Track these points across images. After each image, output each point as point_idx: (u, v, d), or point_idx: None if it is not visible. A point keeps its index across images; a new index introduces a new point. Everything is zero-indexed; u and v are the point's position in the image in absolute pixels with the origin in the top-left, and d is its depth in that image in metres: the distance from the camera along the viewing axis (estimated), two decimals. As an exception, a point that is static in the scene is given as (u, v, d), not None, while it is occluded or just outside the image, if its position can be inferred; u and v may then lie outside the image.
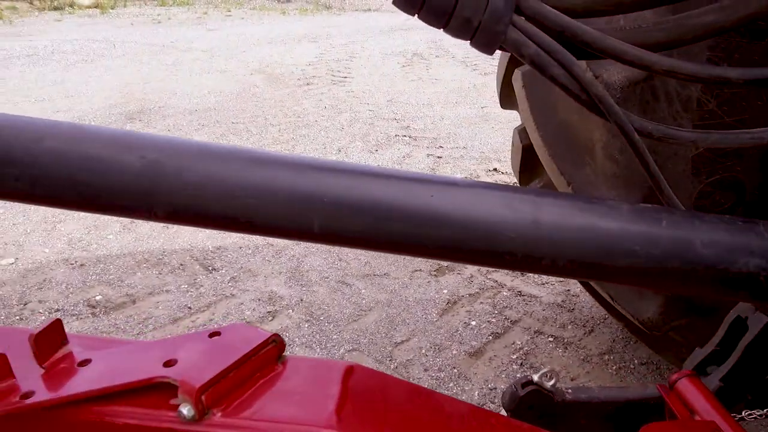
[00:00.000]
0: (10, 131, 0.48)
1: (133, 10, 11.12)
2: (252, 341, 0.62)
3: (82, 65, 6.50)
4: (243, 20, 10.39)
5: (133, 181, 0.47)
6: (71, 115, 4.70)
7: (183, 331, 2.19)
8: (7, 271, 2.57)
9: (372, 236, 0.51)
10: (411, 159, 3.91)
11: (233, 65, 6.72)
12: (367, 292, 2.45)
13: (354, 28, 9.69)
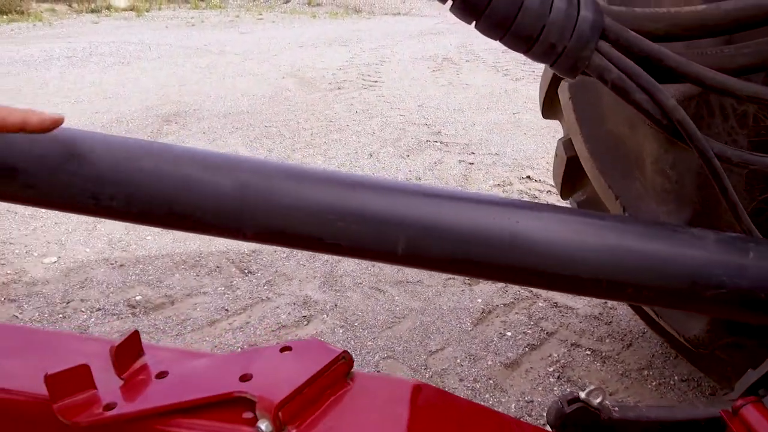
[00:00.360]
0: (107, 151, 0.50)
1: (167, 13, 11.35)
2: (323, 357, 0.63)
3: (119, 67, 6.65)
4: (274, 23, 10.52)
5: (225, 202, 0.49)
6: (110, 116, 4.81)
7: (220, 332, 2.22)
8: (50, 269, 2.64)
9: (455, 260, 0.51)
10: (443, 165, 3.90)
11: (265, 68, 6.80)
12: (400, 299, 2.45)
13: (384, 32, 9.72)
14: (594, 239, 0.51)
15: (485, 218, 0.51)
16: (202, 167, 0.49)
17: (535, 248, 0.50)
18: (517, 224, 0.50)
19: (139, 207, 0.49)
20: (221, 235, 0.51)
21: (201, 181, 0.49)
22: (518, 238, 0.50)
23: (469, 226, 0.50)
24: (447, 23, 10.93)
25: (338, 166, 3.89)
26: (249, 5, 12.64)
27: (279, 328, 2.26)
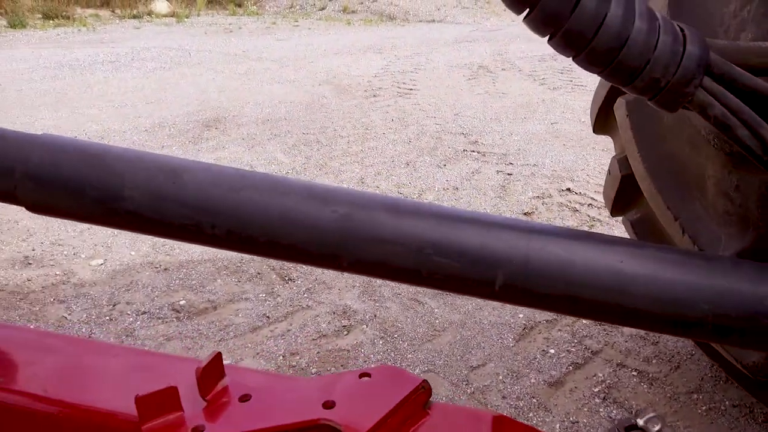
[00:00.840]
0: (210, 180, 0.50)
1: (206, 19, 11.59)
2: (404, 386, 0.63)
3: (160, 72, 6.81)
4: (310, 30, 10.64)
5: (326, 234, 0.49)
6: (152, 121, 4.93)
7: (262, 339, 2.24)
8: (97, 271, 2.71)
9: (555, 297, 0.50)
10: (480, 175, 3.87)
11: (302, 75, 6.88)
12: (440, 311, 2.43)
13: (418, 40, 9.73)
14: (703, 281, 0.49)
15: (589, 256, 0.50)
16: (303, 198, 0.50)
17: (637, 289, 0.49)
18: (621, 264, 0.49)
19: (241, 236, 0.50)
20: (317, 264, 0.51)
21: (302, 212, 0.49)
22: (622, 277, 0.49)
23: (575, 264, 0.49)
24: (482, 31, 10.89)
25: (375, 175, 3.90)
26: (285, 12, 12.82)
27: (319, 337, 2.27)
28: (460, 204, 3.44)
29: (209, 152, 4.28)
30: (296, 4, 13.23)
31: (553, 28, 0.57)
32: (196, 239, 0.52)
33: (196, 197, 0.49)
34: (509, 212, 3.35)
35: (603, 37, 0.51)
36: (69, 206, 0.52)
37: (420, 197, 3.55)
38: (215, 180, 0.50)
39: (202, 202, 0.49)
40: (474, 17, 12.66)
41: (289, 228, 0.49)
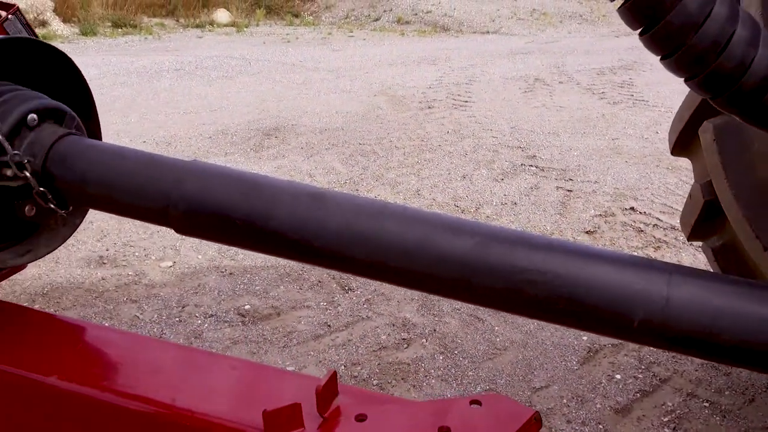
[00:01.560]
0: (351, 209, 0.53)
1: (264, 29, 11.93)
2: (516, 417, 0.63)
3: (222, 81, 7.05)
4: (365, 41, 10.78)
5: (460, 264, 0.51)
6: (215, 128, 5.10)
7: (324, 348, 2.28)
8: (167, 273, 2.82)
9: (692, 340, 0.50)
10: (539, 191, 3.82)
11: (357, 86, 6.97)
12: (500, 329, 2.41)
13: (473, 51, 9.71)
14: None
15: (730, 299, 0.49)
16: (440, 229, 0.52)
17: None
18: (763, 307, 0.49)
19: (378, 264, 0.52)
20: (446, 294, 0.53)
21: (439, 243, 0.51)
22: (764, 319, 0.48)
23: (713, 306, 0.48)
24: (537, 43, 10.76)
25: (431, 187, 3.91)
26: (340, 22, 13.04)
27: (379, 349, 2.29)
28: (519, 220, 3.40)
29: (270, 160, 4.40)
30: (351, 14, 13.44)
31: (676, 43, 0.56)
32: (334, 265, 0.54)
33: (339, 225, 0.51)
34: (570, 230, 3.30)
35: (726, 57, 0.50)
36: (217, 230, 0.56)
37: (477, 211, 3.53)
38: (358, 209, 0.52)
39: (344, 230, 0.51)
40: (529, 29, 12.52)
41: (427, 258, 0.51)
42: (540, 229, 3.29)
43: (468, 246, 0.50)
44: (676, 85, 0.65)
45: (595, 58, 8.99)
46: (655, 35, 0.56)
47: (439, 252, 0.50)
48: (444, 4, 13.47)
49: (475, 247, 0.50)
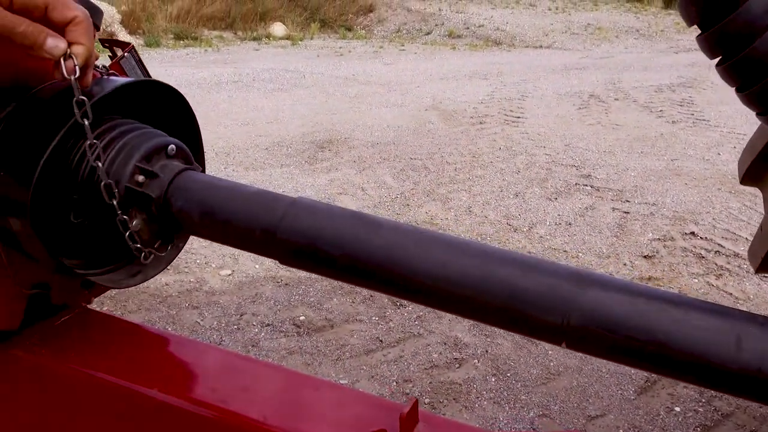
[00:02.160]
0: (423, 247, 0.56)
1: (318, 42, 12.19)
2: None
3: (278, 93, 7.25)
4: (416, 55, 10.86)
5: (519, 298, 0.53)
6: (271, 140, 5.25)
7: (376, 363, 2.31)
8: (226, 281, 2.92)
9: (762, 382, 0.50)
10: (595, 212, 3.75)
11: (408, 100, 7.04)
12: (555, 354, 2.38)
13: (525, 66, 9.63)
14: None
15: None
16: (520, 269, 0.54)
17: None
18: None
19: (448, 302, 0.55)
20: (538, 334, 0.55)
21: (526, 287, 0.53)
22: None
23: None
24: (592, 58, 10.58)
25: (483, 204, 3.90)
26: (392, 36, 13.19)
27: (431, 367, 2.30)
28: (574, 241, 3.35)
29: (324, 173, 4.49)
30: (403, 28, 13.57)
31: None
32: (406, 296, 0.57)
33: (415, 261, 0.54)
34: (627, 254, 3.22)
35: None
36: (317, 263, 0.60)
37: (530, 231, 3.50)
38: (436, 247, 0.55)
39: (423, 266, 0.54)
40: (584, 44, 12.32)
41: (520, 302, 0.53)
42: (596, 252, 3.23)
43: (532, 284, 0.53)
44: (739, 105, 0.65)
45: (653, 74, 8.76)
46: (736, 66, 0.56)
47: (522, 295, 0.52)
48: (496, 19, 13.44)
49: (539, 285, 0.52)
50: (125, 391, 0.77)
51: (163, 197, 0.63)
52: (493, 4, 14.79)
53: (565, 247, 3.29)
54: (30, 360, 0.84)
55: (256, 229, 0.61)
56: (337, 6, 13.68)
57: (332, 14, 13.64)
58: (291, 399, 0.72)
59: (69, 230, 0.66)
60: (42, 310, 0.84)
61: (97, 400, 0.81)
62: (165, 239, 0.71)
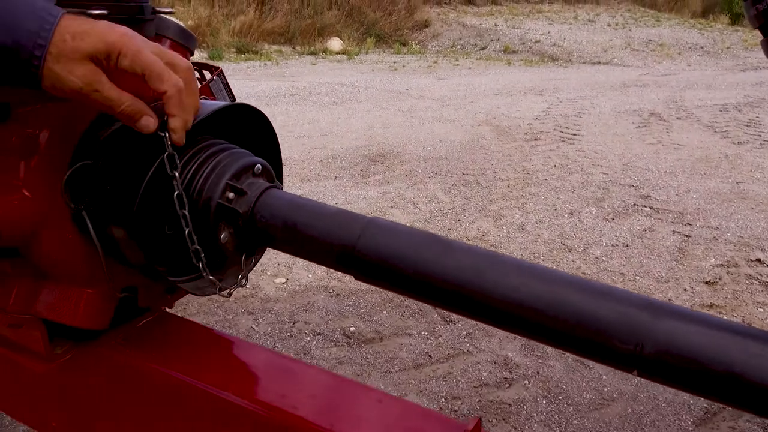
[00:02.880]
0: (526, 277, 0.57)
1: (373, 56, 12.39)
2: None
3: (333, 107, 7.41)
4: (470, 70, 10.86)
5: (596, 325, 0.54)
6: (326, 152, 5.37)
7: (425, 378, 2.32)
8: (280, 289, 3.01)
9: None
10: (654, 234, 3.64)
11: (461, 115, 7.04)
12: (608, 379, 2.32)
13: (582, 82, 9.47)
14: None
15: None
16: (593, 295, 0.55)
17: None
18: None
19: (520, 325, 0.57)
20: (608, 361, 0.56)
21: (599, 313, 0.54)
22: None
23: None
24: (653, 75, 10.28)
25: (536, 222, 3.85)
26: (446, 51, 13.25)
27: (480, 385, 2.28)
28: (631, 264, 3.26)
29: (376, 186, 4.55)
30: (457, 43, 13.60)
31: None
32: (504, 325, 0.59)
33: (518, 289, 0.56)
34: (688, 279, 3.10)
35: None
36: (391, 280, 0.63)
37: (585, 251, 3.43)
38: (539, 279, 0.57)
39: (521, 294, 0.56)
40: (644, 60, 11.99)
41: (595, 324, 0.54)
42: (654, 276, 3.13)
43: (609, 312, 0.53)
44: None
45: (718, 93, 8.43)
46: None
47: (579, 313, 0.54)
48: (553, 34, 13.27)
49: (618, 314, 0.53)
50: (199, 391, 0.82)
51: (249, 213, 0.68)
52: (550, 20, 14.62)
53: (621, 270, 3.21)
54: (114, 358, 0.91)
55: (335, 246, 0.65)
56: (393, 21, 13.87)
57: (388, 29, 13.84)
58: (355, 410, 0.75)
59: (162, 240, 0.72)
60: (126, 312, 0.91)
61: (172, 398, 0.87)
62: (248, 252, 0.76)
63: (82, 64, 0.56)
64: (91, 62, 0.57)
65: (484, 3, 15.77)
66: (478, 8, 15.51)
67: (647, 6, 16.80)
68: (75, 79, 0.56)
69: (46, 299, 0.77)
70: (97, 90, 0.58)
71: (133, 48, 0.58)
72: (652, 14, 16.12)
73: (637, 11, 16.38)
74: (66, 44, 0.55)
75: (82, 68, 0.56)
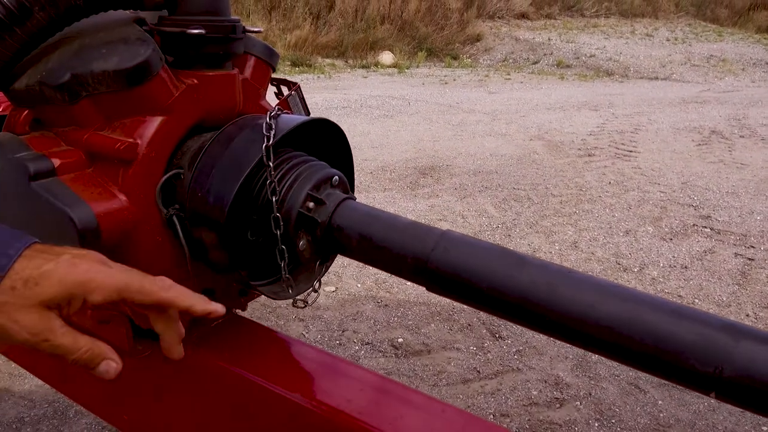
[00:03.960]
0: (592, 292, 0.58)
1: (424, 70, 12.46)
2: None
3: (383, 120, 7.49)
4: (522, 84, 10.76)
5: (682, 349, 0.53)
6: (376, 164, 5.43)
7: (473, 393, 2.31)
8: (330, 297, 3.06)
9: None
10: (714, 256, 3.50)
11: (513, 129, 6.98)
12: (664, 404, 2.24)
13: (639, 98, 9.21)
14: None
15: None
16: (670, 315, 0.55)
17: None
18: None
19: (593, 343, 0.57)
20: (685, 382, 0.55)
21: (676, 334, 0.54)
22: None
23: None
24: (714, 91, 9.90)
25: (590, 240, 3.77)
26: (498, 65, 13.17)
27: (530, 404, 2.25)
28: (690, 286, 3.14)
29: (424, 199, 4.57)
30: (510, 57, 13.51)
31: None
32: (578, 343, 0.60)
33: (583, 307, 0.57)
34: (750, 304, 2.97)
35: None
36: (464, 293, 0.65)
37: (641, 271, 3.33)
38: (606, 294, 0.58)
39: (583, 311, 0.57)
40: (705, 76, 11.57)
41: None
42: (714, 299, 3.00)
43: (692, 336, 0.53)
44: None
45: (787, 110, 8.03)
46: None
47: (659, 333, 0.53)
48: (609, 49, 13.00)
49: (700, 338, 0.53)
50: (267, 391, 0.86)
51: (327, 222, 0.72)
52: (606, 34, 14.34)
53: (679, 292, 3.09)
54: (189, 356, 0.96)
55: (408, 257, 0.67)
56: (445, 35, 13.93)
57: (439, 43, 13.90)
58: (409, 414, 0.77)
59: (245, 245, 0.76)
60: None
61: (241, 396, 0.91)
62: (323, 259, 0.79)
63: (32, 313, 0.49)
64: (46, 309, 0.50)
65: (538, 17, 15.62)
66: (531, 22, 15.37)
67: (709, 20, 16.21)
68: (20, 329, 0.49)
69: (132, 297, 0.83)
70: (47, 339, 0.50)
71: (100, 282, 0.51)
72: (714, 29, 15.55)
73: (697, 26, 15.84)
74: (15, 293, 0.48)
75: (31, 317, 0.49)
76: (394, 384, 0.88)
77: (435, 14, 14.07)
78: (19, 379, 2.28)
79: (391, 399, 0.82)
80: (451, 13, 14.16)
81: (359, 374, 0.89)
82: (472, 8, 14.60)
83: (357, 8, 13.58)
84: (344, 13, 13.50)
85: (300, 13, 13.29)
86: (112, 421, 1.17)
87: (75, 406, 2.15)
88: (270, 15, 13.42)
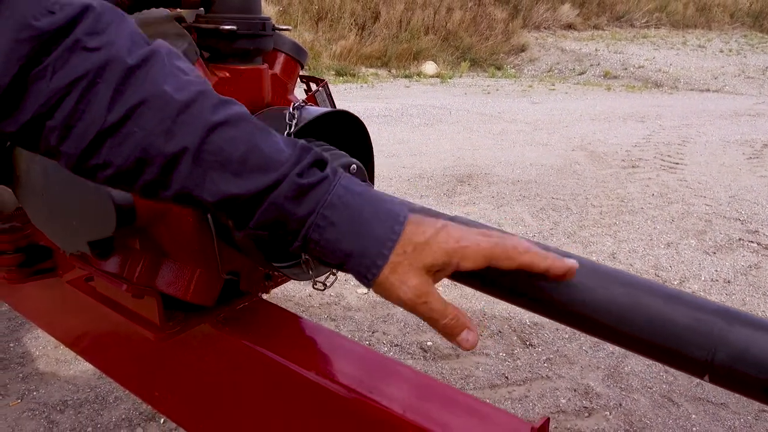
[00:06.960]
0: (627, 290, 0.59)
1: (467, 80, 12.45)
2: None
3: (423, 128, 7.53)
4: (566, 95, 10.61)
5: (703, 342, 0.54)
6: (414, 172, 5.47)
7: (500, 398, 2.30)
8: (362, 299, 3.10)
9: None
10: (760, 272, 3.37)
11: (555, 139, 6.90)
12: (698, 419, 2.18)
13: (688, 110, 8.94)
14: None
15: None
16: (665, 299, 0.56)
17: None
18: None
19: (592, 327, 0.59)
20: (679, 365, 0.56)
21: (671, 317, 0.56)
22: None
23: None
24: None
25: (629, 252, 3.69)
26: (542, 76, 13.03)
27: (558, 412, 2.23)
28: (732, 301, 3.03)
29: (460, 206, 4.57)
30: (555, 68, 13.34)
31: None
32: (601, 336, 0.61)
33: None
34: (799, 322, 2.84)
35: None
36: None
37: (682, 284, 3.23)
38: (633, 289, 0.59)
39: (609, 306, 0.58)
40: (760, 88, 11.12)
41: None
42: (758, 315, 2.89)
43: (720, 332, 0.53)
44: None
45: None
46: None
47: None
48: (658, 60, 12.67)
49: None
50: (285, 369, 0.91)
51: None
52: (656, 45, 13.99)
53: (721, 307, 2.99)
54: (215, 334, 1.02)
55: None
56: (489, 46, 13.89)
57: (483, 53, 13.87)
58: (429, 404, 0.80)
59: None
60: (228, 295, 1.02)
61: (263, 375, 0.96)
62: None
63: (417, 276, 0.53)
64: (426, 273, 0.54)
65: (585, 28, 15.38)
66: (578, 33, 15.15)
67: (766, 32, 15.57)
68: (407, 290, 0.53)
69: (164, 274, 0.90)
70: (426, 302, 0.54)
71: (473, 250, 0.54)
72: (773, 39, 14.93)
73: (754, 37, 15.24)
74: (406, 256, 0.53)
75: (416, 279, 0.53)
76: (403, 367, 0.91)
77: (480, 24, 14.06)
78: (65, 364, 2.42)
79: (399, 381, 0.85)
80: (496, 24, 14.11)
81: (372, 357, 0.93)
82: (518, 19, 14.51)
83: (401, 19, 13.71)
84: (389, 23, 13.65)
85: (346, 24, 13.52)
86: (144, 397, 1.24)
87: (115, 392, 2.26)
88: (317, 25, 13.72)
